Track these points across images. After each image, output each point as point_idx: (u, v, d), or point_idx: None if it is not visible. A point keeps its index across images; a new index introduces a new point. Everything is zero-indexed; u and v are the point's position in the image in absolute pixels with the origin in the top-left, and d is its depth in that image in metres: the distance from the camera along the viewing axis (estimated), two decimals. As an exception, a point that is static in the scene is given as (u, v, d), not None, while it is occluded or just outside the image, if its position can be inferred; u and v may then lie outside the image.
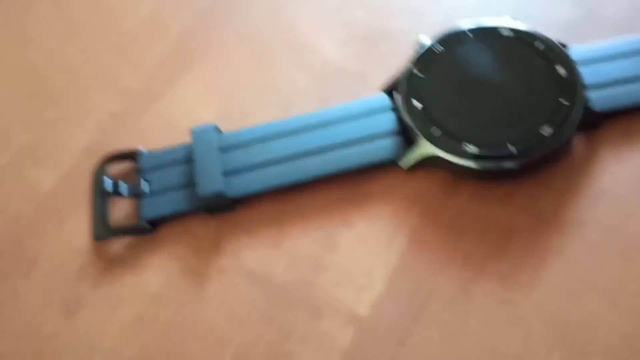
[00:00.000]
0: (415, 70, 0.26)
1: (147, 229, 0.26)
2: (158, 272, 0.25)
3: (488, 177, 0.25)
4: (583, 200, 0.24)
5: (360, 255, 0.24)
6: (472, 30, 0.27)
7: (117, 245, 0.26)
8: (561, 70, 0.25)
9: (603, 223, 0.24)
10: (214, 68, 0.30)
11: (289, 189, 0.26)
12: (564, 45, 0.26)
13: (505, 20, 0.27)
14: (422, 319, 0.23)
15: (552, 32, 0.27)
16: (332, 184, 0.26)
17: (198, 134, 0.27)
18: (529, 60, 0.26)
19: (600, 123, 0.25)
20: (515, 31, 0.26)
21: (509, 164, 0.24)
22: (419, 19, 0.30)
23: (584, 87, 0.25)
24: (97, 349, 0.24)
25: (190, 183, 0.26)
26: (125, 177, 0.28)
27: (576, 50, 0.26)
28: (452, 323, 0.23)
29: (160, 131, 0.29)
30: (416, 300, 0.23)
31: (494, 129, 0.24)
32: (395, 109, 0.26)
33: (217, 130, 0.27)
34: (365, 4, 0.31)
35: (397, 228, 0.25)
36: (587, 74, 0.25)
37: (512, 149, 0.24)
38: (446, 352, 0.22)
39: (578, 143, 0.26)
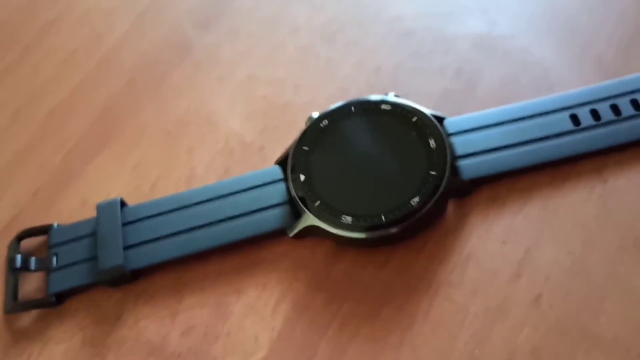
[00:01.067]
0: (301, 144, 0.28)
1: (52, 302, 0.27)
2: (62, 344, 0.27)
3: (365, 244, 0.26)
4: (452, 263, 0.26)
5: (248, 322, 0.26)
6: (355, 105, 0.29)
7: (26, 318, 0.27)
8: (432, 143, 0.27)
9: (468, 286, 0.25)
10: (127, 145, 0.32)
11: (188, 259, 0.28)
12: (441, 118, 0.28)
13: (390, 96, 0.29)
14: (303, 384, 0.24)
15: (433, 105, 0.29)
16: (227, 253, 0.28)
17: (102, 208, 0.29)
18: (405, 133, 0.28)
19: (470, 190, 0.27)
20: (394, 106, 0.28)
21: (381, 233, 0.26)
22: (316, 94, 0.32)
23: (454, 157, 0.27)
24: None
25: (94, 257, 0.28)
26: (40, 251, 0.29)
27: (451, 122, 0.28)
28: (330, 386, 0.24)
29: (76, 207, 0.30)
30: (297, 365, 0.25)
31: (368, 200, 0.26)
32: (285, 180, 0.28)
33: (123, 204, 0.29)
34: (268, 80, 0.33)
35: (283, 295, 0.26)
36: (459, 144, 0.28)
37: (383, 219, 0.25)
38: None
39: (452, 209, 0.27)
